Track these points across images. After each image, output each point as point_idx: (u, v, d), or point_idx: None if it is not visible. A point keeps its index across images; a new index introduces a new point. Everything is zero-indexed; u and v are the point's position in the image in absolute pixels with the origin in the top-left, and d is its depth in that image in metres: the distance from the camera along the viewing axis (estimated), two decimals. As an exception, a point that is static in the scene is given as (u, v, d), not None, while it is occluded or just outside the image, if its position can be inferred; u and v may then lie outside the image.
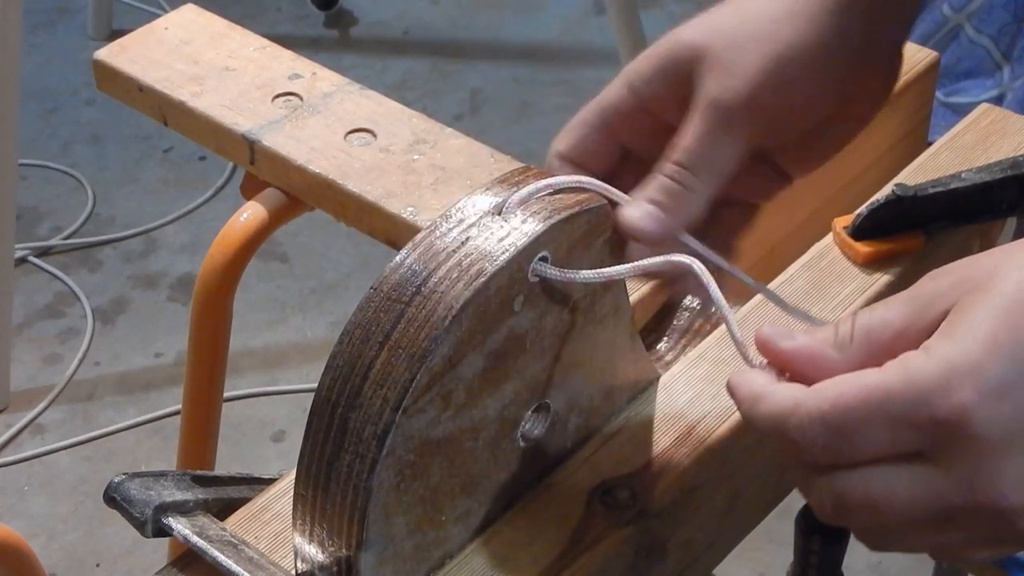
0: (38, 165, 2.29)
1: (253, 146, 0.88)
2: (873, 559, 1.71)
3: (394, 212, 0.83)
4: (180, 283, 2.10)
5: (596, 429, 0.66)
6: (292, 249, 2.15)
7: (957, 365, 0.49)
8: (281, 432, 1.89)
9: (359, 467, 0.55)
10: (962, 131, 0.83)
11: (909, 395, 0.50)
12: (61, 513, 1.80)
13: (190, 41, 0.96)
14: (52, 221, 2.21)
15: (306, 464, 0.56)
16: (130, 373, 1.98)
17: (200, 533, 0.60)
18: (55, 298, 2.09)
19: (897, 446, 0.50)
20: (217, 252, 0.92)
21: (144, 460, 1.86)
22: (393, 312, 0.56)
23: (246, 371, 1.95)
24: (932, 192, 0.74)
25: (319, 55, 1.04)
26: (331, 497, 0.55)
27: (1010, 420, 0.49)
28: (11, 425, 1.90)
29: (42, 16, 2.62)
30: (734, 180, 0.62)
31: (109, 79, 0.95)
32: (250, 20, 2.38)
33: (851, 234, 0.75)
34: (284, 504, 0.64)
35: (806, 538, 0.83)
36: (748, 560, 1.68)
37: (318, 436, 0.56)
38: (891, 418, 0.50)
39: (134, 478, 0.62)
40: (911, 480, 0.51)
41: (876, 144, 0.85)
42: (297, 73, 0.93)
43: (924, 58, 0.87)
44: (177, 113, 0.92)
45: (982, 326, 0.50)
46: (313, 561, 0.57)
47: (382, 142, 0.88)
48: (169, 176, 2.30)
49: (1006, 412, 0.49)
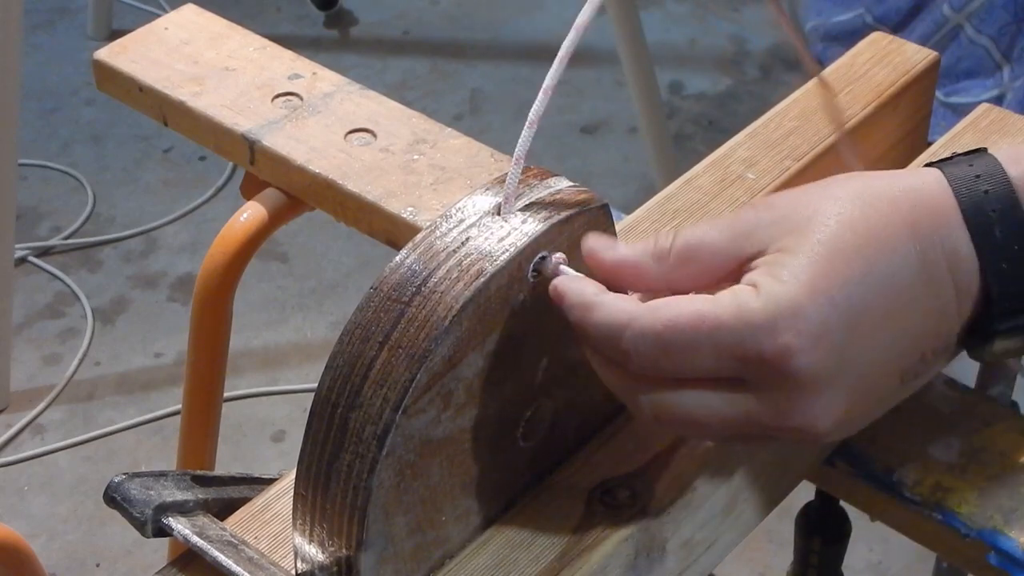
0: (38, 165, 2.29)
1: (253, 146, 0.88)
2: (873, 559, 1.71)
3: (394, 212, 0.83)
4: (180, 283, 2.10)
5: (596, 429, 0.66)
6: (292, 249, 2.15)
7: (782, 307, 0.54)
8: (281, 432, 1.89)
9: (359, 467, 0.55)
10: (962, 131, 0.83)
11: (738, 329, 0.54)
12: (61, 513, 1.80)
13: (190, 41, 0.96)
14: (52, 221, 2.21)
15: (306, 464, 0.56)
16: (130, 373, 1.98)
17: (200, 533, 0.60)
18: (55, 298, 2.09)
19: (720, 371, 0.55)
20: (217, 252, 0.92)
21: (144, 460, 1.86)
22: (393, 312, 0.56)
23: (246, 371, 1.95)
24: (932, 192, 0.74)
25: (319, 55, 1.04)
26: (331, 497, 0.55)
27: (824, 360, 0.54)
28: (11, 425, 1.90)
29: (42, 16, 2.62)
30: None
31: (109, 79, 0.95)
32: (250, 20, 2.38)
33: (851, 234, 0.75)
34: (284, 504, 0.64)
35: (806, 538, 0.83)
36: (748, 560, 1.68)
37: (318, 436, 0.56)
38: (719, 347, 0.54)
39: (134, 478, 0.62)
40: (731, 404, 0.55)
41: (876, 144, 0.85)
42: (297, 73, 0.93)
43: (924, 58, 0.87)
44: (177, 113, 0.92)
45: (805, 271, 0.55)
46: (313, 561, 0.57)
47: (382, 142, 0.88)
48: (169, 176, 2.30)
49: (821, 354, 0.54)
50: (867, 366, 0.56)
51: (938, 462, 0.67)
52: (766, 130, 0.82)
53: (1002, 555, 0.65)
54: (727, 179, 0.79)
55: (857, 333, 0.55)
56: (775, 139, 0.81)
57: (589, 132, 2.37)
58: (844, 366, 0.55)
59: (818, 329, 0.54)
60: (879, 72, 0.86)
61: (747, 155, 0.80)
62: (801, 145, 0.81)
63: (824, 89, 0.67)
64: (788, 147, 0.81)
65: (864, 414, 0.58)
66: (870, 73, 0.86)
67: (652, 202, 0.78)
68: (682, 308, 0.54)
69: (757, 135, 0.82)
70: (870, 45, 0.88)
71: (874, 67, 0.86)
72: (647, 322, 0.55)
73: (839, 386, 0.55)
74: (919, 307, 0.57)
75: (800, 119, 0.83)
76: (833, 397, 0.55)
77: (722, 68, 2.52)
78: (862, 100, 0.84)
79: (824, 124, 0.82)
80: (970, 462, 0.68)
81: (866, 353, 0.56)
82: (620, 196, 2.15)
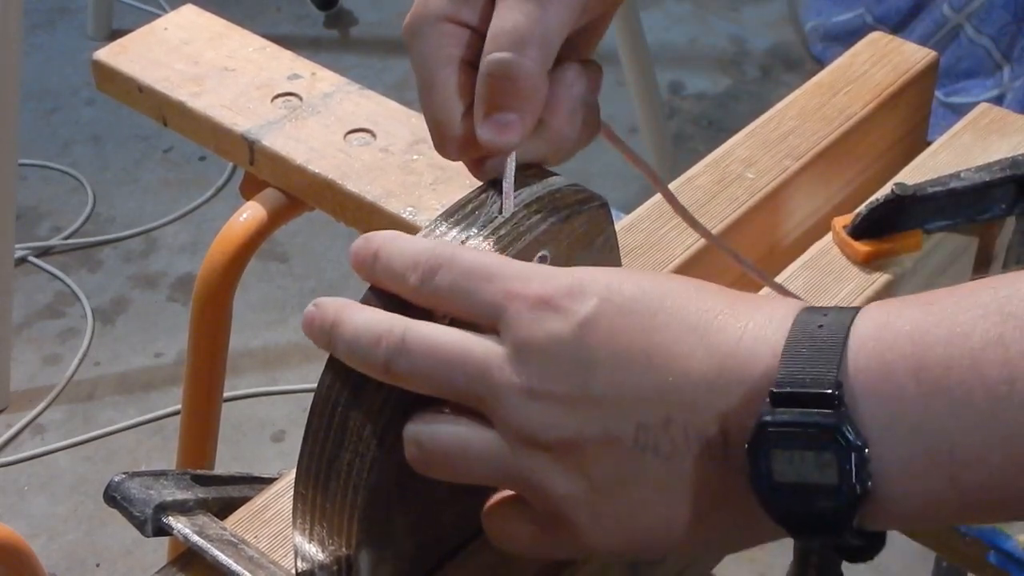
0: (38, 165, 2.29)
1: (253, 146, 0.88)
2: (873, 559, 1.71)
3: (393, 212, 0.83)
4: (180, 283, 2.10)
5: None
6: (292, 249, 2.15)
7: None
8: (281, 432, 1.89)
9: (359, 466, 0.55)
10: (961, 130, 0.83)
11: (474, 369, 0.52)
12: (61, 513, 1.80)
13: (190, 41, 0.96)
14: (52, 221, 2.21)
15: (306, 463, 0.56)
16: (130, 373, 1.98)
17: (200, 532, 0.60)
18: (55, 298, 2.09)
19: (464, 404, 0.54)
20: (217, 252, 0.92)
21: (144, 460, 1.86)
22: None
23: (246, 371, 1.96)
24: (931, 191, 0.74)
25: (319, 55, 1.04)
26: (331, 496, 0.55)
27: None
28: (11, 425, 1.90)
29: (42, 16, 2.62)
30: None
31: (109, 79, 0.95)
32: (250, 20, 2.38)
33: (851, 233, 0.75)
34: (284, 503, 0.64)
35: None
36: (748, 560, 1.68)
37: (318, 435, 0.56)
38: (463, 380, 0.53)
39: (134, 477, 0.62)
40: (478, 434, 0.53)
41: (876, 144, 0.85)
42: (297, 73, 0.94)
43: (924, 58, 0.87)
44: (177, 113, 0.92)
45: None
46: (313, 560, 0.57)
47: (381, 142, 0.88)
48: (169, 176, 2.30)
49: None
50: (602, 382, 0.51)
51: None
52: (765, 130, 0.82)
53: (1002, 555, 0.65)
54: (727, 179, 0.79)
55: (598, 339, 0.51)
56: (774, 139, 0.81)
57: (589, 132, 2.36)
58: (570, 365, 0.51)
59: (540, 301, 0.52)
60: (879, 72, 0.86)
61: (746, 155, 0.80)
62: (800, 145, 0.81)
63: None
64: (787, 147, 0.81)
65: (592, 465, 0.51)
66: (870, 73, 0.86)
67: (652, 202, 0.78)
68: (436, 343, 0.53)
69: (756, 135, 0.82)
70: (870, 45, 0.88)
71: (874, 67, 0.86)
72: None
73: (555, 390, 0.51)
74: (681, 358, 0.51)
75: (799, 119, 0.83)
76: (549, 404, 0.51)
77: (722, 68, 2.52)
78: (862, 100, 0.84)
79: (824, 124, 0.82)
80: (969, 461, 0.68)
81: (604, 362, 0.51)
82: (620, 196, 2.14)
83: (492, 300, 0.53)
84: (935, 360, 0.47)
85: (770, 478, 0.48)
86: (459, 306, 0.54)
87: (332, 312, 0.55)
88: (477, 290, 0.53)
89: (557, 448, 0.51)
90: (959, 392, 0.47)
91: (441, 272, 0.54)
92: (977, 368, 0.46)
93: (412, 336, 0.53)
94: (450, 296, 0.54)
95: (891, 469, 0.48)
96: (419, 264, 0.54)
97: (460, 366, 0.53)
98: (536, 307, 0.52)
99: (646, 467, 0.51)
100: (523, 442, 0.52)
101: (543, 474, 0.52)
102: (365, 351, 0.54)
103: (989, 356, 0.46)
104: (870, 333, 0.49)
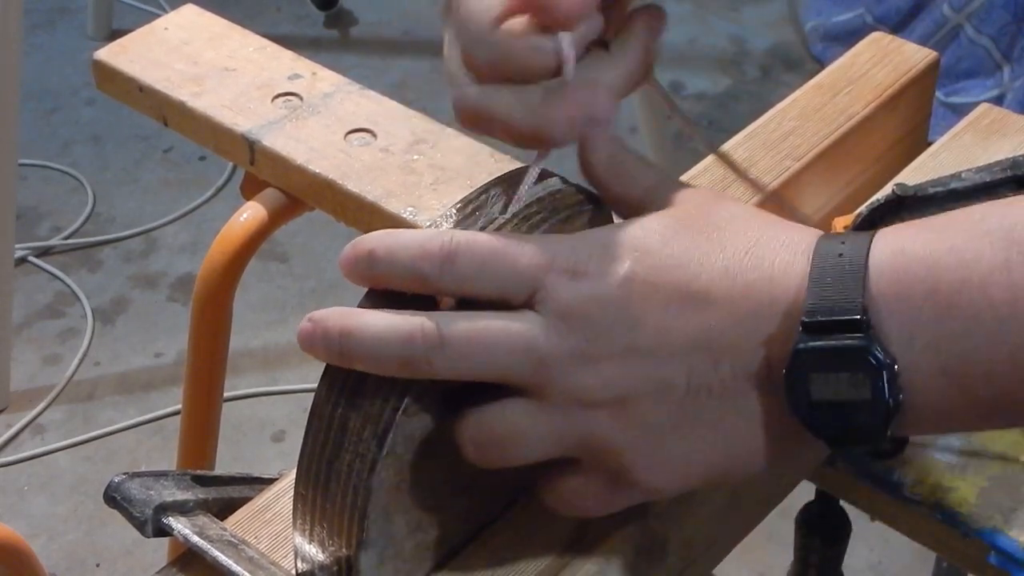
0: (38, 165, 2.29)
1: (253, 146, 0.88)
2: (873, 559, 1.71)
3: (394, 212, 0.83)
4: (180, 283, 2.10)
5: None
6: (292, 249, 2.15)
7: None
8: (281, 432, 1.89)
9: (359, 467, 0.55)
10: (962, 131, 0.83)
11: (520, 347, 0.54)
12: (61, 513, 1.80)
13: (190, 41, 0.96)
14: (52, 221, 2.21)
15: (306, 464, 0.56)
16: (130, 373, 1.98)
17: (200, 533, 0.60)
18: (55, 298, 2.09)
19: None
20: (217, 252, 0.92)
21: (144, 460, 1.86)
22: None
23: (246, 371, 1.96)
24: (932, 192, 0.74)
25: (319, 55, 1.04)
26: (331, 497, 0.55)
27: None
28: (11, 425, 1.90)
29: (42, 16, 2.62)
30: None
31: (109, 79, 0.95)
32: (250, 20, 2.37)
33: (851, 234, 0.75)
34: (284, 504, 0.64)
35: (806, 538, 0.83)
36: (748, 560, 1.68)
37: (318, 436, 0.56)
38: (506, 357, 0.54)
39: (134, 478, 0.62)
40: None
41: (876, 144, 0.85)
42: (297, 73, 0.93)
43: (924, 58, 0.87)
44: (177, 113, 0.92)
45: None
46: (313, 561, 0.57)
47: (382, 142, 0.88)
48: (169, 176, 2.30)
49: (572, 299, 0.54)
50: (649, 334, 0.53)
51: (938, 462, 0.67)
52: (765, 130, 0.82)
53: (1002, 555, 0.65)
54: (727, 179, 0.79)
55: (640, 293, 0.53)
56: (775, 139, 0.81)
57: (589, 132, 2.36)
58: (619, 318, 0.53)
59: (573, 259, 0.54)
60: (879, 72, 0.86)
61: (747, 155, 0.80)
62: (801, 145, 0.81)
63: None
64: (788, 147, 0.81)
65: (650, 416, 0.54)
66: (870, 73, 0.86)
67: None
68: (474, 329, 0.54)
69: (757, 135, 0.82)
70: (870, 45, 0.88)
71: (874, 67, 0.86)
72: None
73: (610, 343, 0.53)
74: (721, 300, 0.53)
75: (800, 119, 0.83)
76: (602, 364, 0.53)
77: (722, 68, 2.52)
78: (862, 100, 0.84)
79: (824, 124, 0.82)
80: (970, 462, 0.68)
81: (649, 316, 0.53)
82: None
83: (524, 276, 0.54)
84: (947, 284, 0.51)
85: (808, 398, 0.52)
86: (488, 288, 0.54)
87: (336, 323, 0.55)
88: (506, 269, 0.54)
89: (614, 405, 0.54)
90: (969, 312, 0.50)
91: (461, 257, 0.54)
92: (984, 290, 0.50)
93: (448, 328, 0.53)
94: (477, 279, 0.54)
95: (915, 382, 0.51)
96: (431, 253, 0.54)
97: (505, 346, 0.53)
98: (571, 274, 0.54)
99: (700, 408, 0.54)
100: (579, 406, 0.54)
101: (602, 432, 0.54)
102: (396, 353, 0.53)
103: (996, 279, 0.50)
104: (887, 259, 0.52)
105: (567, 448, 0.55)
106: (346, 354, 0.54)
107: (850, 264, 0.52)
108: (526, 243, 0.55)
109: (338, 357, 0.55)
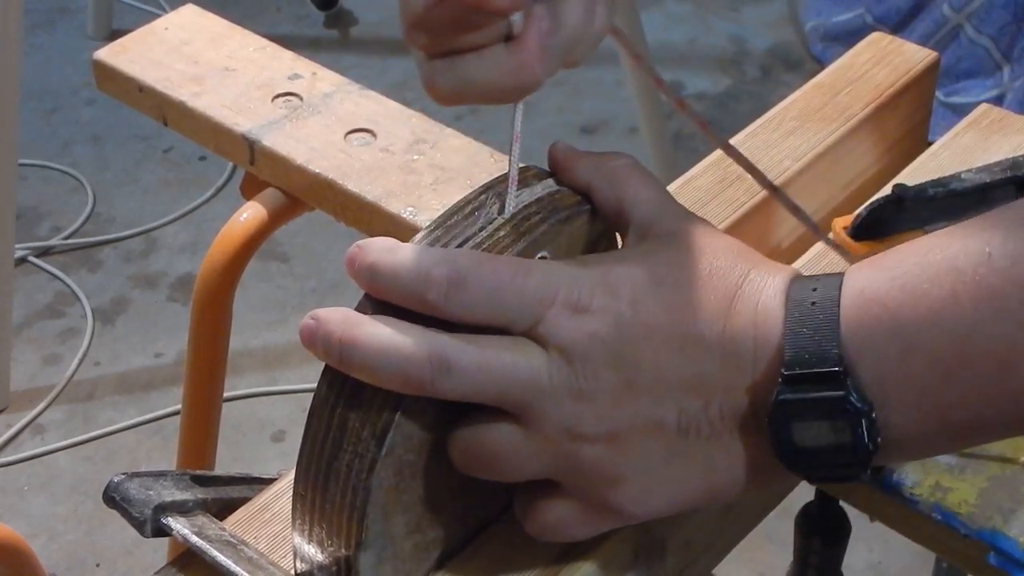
0: (38, 165, 2.29)
1: (253, 146, 0.88)
2: (873, 559, 1.71)
3: (394, 212, 0.83)
4: (180, 283, 2.10)
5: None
6: (292, 249, 2.15)
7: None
8: (281, 432, 1.89)
9: (358, 467, 0.55)
10: (962, 131, 0.83)
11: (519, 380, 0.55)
12: (61, 513, 1.80)
13: (190, 41, 0.96)
14: (52, 221, 2.21)
15: (305, 464, 0.56)
16: (130, 373, 1.98)
17: (199, 533, 0.60)
18: (55, 298, 2.09)
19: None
20: (217, 252, 0.92)
21: (144, 460, 1.86)
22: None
23: (246, 371, 1.96)
24: (932, 192, 0.74)
25: (319, 55, 1.04)
26: (330, 497, 0.55)
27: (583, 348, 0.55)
28: (11, 425, 1.90)
29: (42, 16, 2.62)
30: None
31: (109, 79, 0.95)
32: (250, 20, 2.38)
33: (851, 234, 0.75)
34: (284, 504, 0.64)
35: (806, 538, 0.83)
36: (748, 560, 1.68)
37: (317, 436, 0.56)
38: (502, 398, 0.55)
39: (133, 478, 0.62)
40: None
41: (876, 144, 0.85)
42: (297, 73, 0.93)
43: (924, 58, 0.87)
44: (177, 113, 0.92)
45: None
46: (312, 561, 0.57)
47: (382, 142, 0.88)
48: (169, 176, 2.30)
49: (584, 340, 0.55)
50: (645, 374, 0.55)
51: (938, 462, 0.67)
52: (766, 130, 0.82)
53: (1002, 555, 0.64)
54: (726, 179, 0.79)
55: (638, 337, 0.55)
56: (775, 139, 0.81)
57: (589, 132, 2.37)
58: (615, 362, 0.55)
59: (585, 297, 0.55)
60: (879, 72, 0.86)
61: (747, 155, 0.80)
62: (801, 145, 0.81)
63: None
64: (788, 147, 0.81)
65: (639, 450, 0.55)
66: (870, 73, 0.86)
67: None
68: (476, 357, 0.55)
69: (757, 135, 0.82)
70: (870, 45, 0.88)
71: (874, 67, 0.86)
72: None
73: (601, 385, 0.55)
74: (712, 345, 0.55)
75: (800, 120, 0.83)
76: (598, 401, 0.55)
77: (722, 68, 2.52)
78: (862, 100, 0.84)
79: (824, 125, 0.82)
80: (970, 462, 0.68)
81: (645, 356, 0.55)
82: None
83: (528, 308, 0.55)
84: (906, 322, 0.53)
85: (792, 444, 0.54)
86: (491, 318, 0.55)
87: (338, 328, 0.55)
88: (510, 301, 0.55)
89: (605, 439, 0.55)
90: (931, 346, 0.52)
91: (468, 287, 0.54)
92: (939, 325, 0.52)
93: (455, 355, 0.54)
94: (482, 309, 0.55)
95: (892, 420, 0.53)
96: (435, 280, 0.54)
97: (510, 378, 0.55)
98: (573, 310, 0.55)
99: (689, 446, 0.56)
100: (569, 437, 0.55)
101: (591, 463, 0.55)
102: (398, 371, 0.54)
103: (947, 314, 0.52)
104: (853, 303, 0.54)
105: (554, 473, 0.57)
106: (346, 363, 0.55)
107: (823, 313, 0.54)
108: (530, 274, 0.55)
109: (337, 364, 0.55)
